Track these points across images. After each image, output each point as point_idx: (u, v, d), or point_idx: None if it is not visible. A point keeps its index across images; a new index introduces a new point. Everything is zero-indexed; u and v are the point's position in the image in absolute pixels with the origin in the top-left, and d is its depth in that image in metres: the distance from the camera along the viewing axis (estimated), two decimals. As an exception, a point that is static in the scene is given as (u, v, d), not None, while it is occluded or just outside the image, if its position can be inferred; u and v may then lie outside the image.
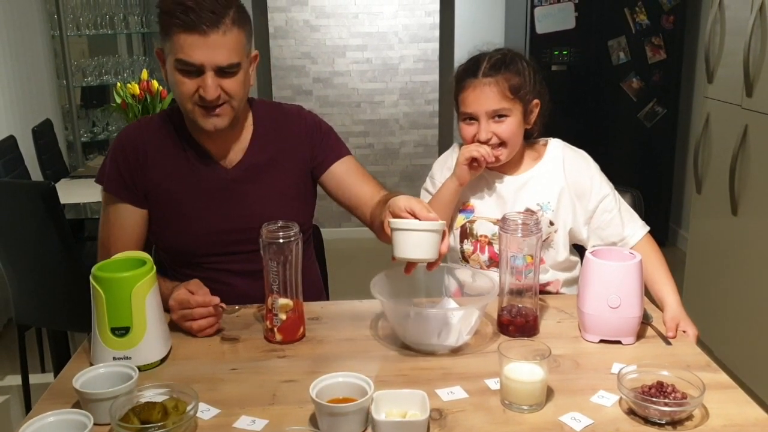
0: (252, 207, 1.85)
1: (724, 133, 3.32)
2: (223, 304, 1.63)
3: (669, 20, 4.70)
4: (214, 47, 1.65)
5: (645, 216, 2.03)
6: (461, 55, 1.99)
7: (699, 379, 1.32)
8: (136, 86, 3.39)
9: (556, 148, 2.02)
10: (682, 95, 4.87)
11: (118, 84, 3.45)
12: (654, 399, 1.28)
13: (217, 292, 1.66)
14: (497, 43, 2.03)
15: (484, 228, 1.94)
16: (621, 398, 1.35)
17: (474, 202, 1.99)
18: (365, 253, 2.00)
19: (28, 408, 2.91)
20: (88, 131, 5.02)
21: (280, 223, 1.58)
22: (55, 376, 1.52)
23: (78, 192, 3.45)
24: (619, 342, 1.59)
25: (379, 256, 2.06)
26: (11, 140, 3.69)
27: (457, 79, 1.96)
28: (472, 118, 1.91)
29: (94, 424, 1.22)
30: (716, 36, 3.40)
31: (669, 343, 1.60)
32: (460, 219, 1.98)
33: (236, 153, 1.86)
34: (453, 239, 1.99)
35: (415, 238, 1.45)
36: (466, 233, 1.97)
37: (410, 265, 1.51)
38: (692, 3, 4.76)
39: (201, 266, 1.86)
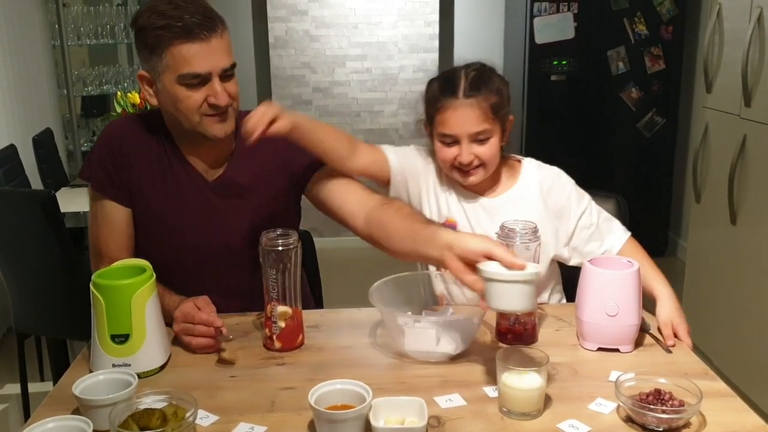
0: (231, 222, 1.81)
1: (722, 142, 3.33)
2: (224, 329, 1.57)
3: (668, 30, 4.72)
4: (216, 52, 1.64)
5: (644, 226, 2.01)
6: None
7: (696, 387, 1.32)
8: (137, 95, 3.41)
9: (530, 169, 1.96)
10: (681, 105, 4.89)
11: (119, 93, 3.46)
12: (651, 406, 1.28)
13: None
14: (497, 54, 2.00)
15: None
16: (619, 406, 1.36)
17: (455, 218, 1.94)
18: (364, 261, 2.01)
19: (27, 416, 2.91)
20: (88, 140, 5.03)
21: (279, 231, 1.59)
22: (54, 385, 1.52)
23: (78, 201, 3.44)
24: (617, 350, 1.59)
25: (378, 264, 2.07)
26: (12, 149, 3.71)
27: (432, 97, 1.89)
28: (453, 140, 1.85)
29: (94, 430, 1.22)
30: (715, 46, 3.41)
31: (669, 351, 1.61)
32: None
33: (218, 165, 1.82)
34: None
35: (514, 289, 1.37)
36: None
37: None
38: (691, 13, 4.78)
39: (172, 279, 1.75)
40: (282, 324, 1.60)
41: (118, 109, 3.42)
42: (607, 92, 4.79)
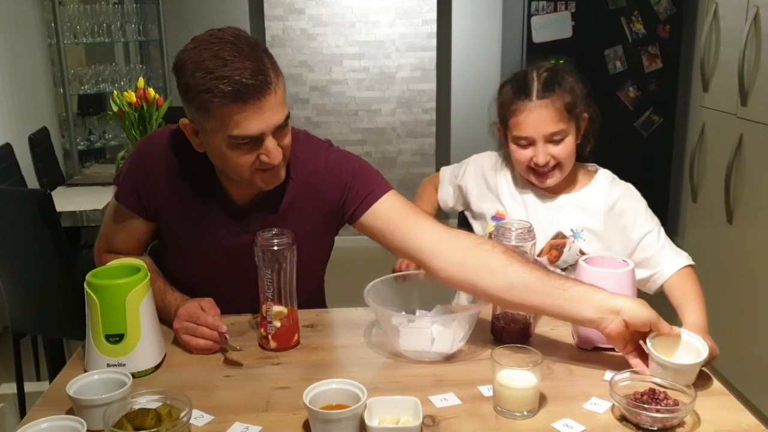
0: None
1: (719, 141, 3.33)
2: (228, 335, 1.57)
3: (665, 30, 4.72)
4: (269, 110, 1.49)
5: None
6: (458, 64, 1.98)
7: (691, 386, 1.32)
8: (133, 94, 3.40)
9: (603, 179, 1.99)
10: (678, 104, 4.89)
11: (115, 92, 3.46)
12: (646, 406, 1.28)
13: None
14: (495, 53, 2.02)
15: None
16: (613, 405, 1.36)
17: (507, 211, 1.98)
18: (360, 261, 2.01)
19: (23, 416, 2.90)
20: (84, 139, 5.02)
21: (275, 231, 1.58)
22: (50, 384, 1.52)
23: (74, 200, 3.45)
24: (612, 349, 1.59)
25: (374, 264, 2.07)
26: (7, 148, 3.70)
27: (505, 100, 1.91)
28: (528, 141, 1.88)
29: (88, 430, 1.22)
30: (711, 46, 3.41)
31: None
32: (491, 226, 1.97)
33: (254, 196, 1.72)
34: None
35: (686, 371, 1.40)
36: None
37: None
38: (688, 13, 4.78)
39: (199, 294, 1.71)
40: (277, 324, 1.60)
41: (115, 108, 3.42)
42: (605, 91, 4.79)
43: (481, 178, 2.06)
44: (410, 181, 5.47)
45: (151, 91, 3.45)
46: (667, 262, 1.87)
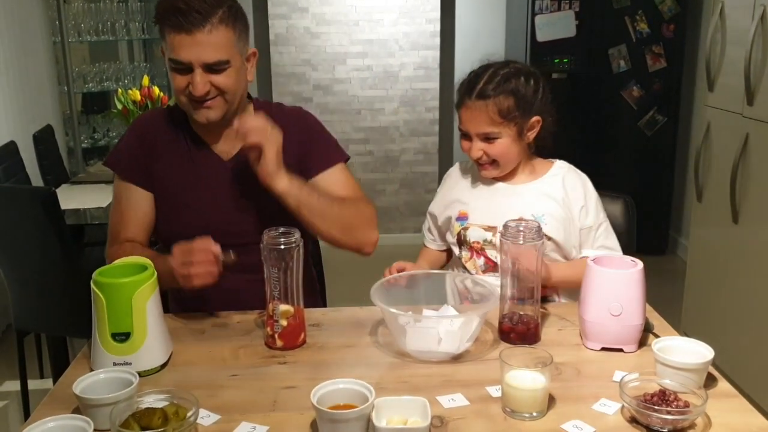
0: (248, 200, 1.87)
1: (724, 141, 3.32)
2: (221, 255, 1.64)
3: (669, 29, 4.71)
4: (199, 45, 1.72)
5: (644, 224, 2.03)
6: (462, 62, 2.00)
7: (702, 388, 1.32)
8: (137, 92, 3.40)
9: (560, 168, 2.03)
10: (682, 104, 4.88)
11: (119, 90, 3.46)
12: (656, 407, 1.27)
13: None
14: (498, 52, 2.03)
15: (476, 234, 1.96)
16: (623, 406, 1.35)
17: (468, 209, 2.00)
18: (366, 260, 2.00)
19: (26, 414, 2.91)
20: (88, 137, 5.03)
21: (281, 230, 1.58)
22: (54, 382, 1.51)
23: (78, 198, 3.45)
24: (620, 350, 1.58)
25: (380, 263, 2.06)
26: (12, 146, 3.70)
27: (458, 92, 1.98)
28: (466, 135, 1.96)
29: (95, 429, 1.22)
30: (717, 45, 3.40)
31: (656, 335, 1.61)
32: (456, 227, 2.00)
33: (233, 146, 1.88)
34: (455, 248, 2.01)
35: (690, 372, 1.40)
36: (461, 240, 1.98)
37: None
38: (692, 12, 4.77)
39: None
40: (284, 323, 1.60)
41: (119, 106, 3.42)
42: (609, 90, 4.78)
43: (443, 190, 2.13)
44: (413, 180, 5.47)
45: (156, 89, 3.45)
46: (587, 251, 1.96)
